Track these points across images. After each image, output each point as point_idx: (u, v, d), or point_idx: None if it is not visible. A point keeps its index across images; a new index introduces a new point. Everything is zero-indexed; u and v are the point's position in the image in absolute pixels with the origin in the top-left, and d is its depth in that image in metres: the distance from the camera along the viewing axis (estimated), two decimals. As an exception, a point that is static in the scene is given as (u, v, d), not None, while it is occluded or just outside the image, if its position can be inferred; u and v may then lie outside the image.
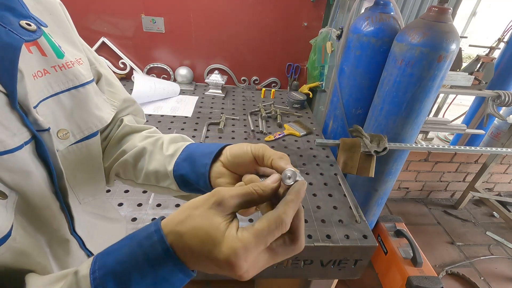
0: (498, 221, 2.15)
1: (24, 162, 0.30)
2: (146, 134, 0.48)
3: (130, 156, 0.45)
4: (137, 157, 0.45)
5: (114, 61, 1.56)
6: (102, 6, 1.39)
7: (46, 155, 0.32)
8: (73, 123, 0.38)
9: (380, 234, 1.67)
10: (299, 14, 1.51)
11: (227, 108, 1.43)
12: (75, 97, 0.37)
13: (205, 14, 1.46)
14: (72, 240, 0.39)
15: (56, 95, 0.35)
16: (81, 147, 0.40)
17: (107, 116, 0.43)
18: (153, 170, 0.43)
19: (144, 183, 0.45)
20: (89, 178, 0.43)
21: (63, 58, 0.36)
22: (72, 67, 0.37)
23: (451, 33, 0.95)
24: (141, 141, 0.46)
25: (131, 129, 0.49)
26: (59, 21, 0.39)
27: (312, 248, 0.74)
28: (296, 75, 1.69)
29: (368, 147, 1.06)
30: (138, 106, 0.55)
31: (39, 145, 0.32)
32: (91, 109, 0.40)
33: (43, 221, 0.34)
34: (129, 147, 0.46)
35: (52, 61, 0.35)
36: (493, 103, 1.34)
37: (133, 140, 0.47)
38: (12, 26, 0.29)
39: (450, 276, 1.70)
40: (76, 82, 0.37)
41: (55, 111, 0.35)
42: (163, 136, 0.47)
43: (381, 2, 1.11)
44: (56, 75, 0.35)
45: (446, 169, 2.15)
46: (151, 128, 0.51)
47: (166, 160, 0.42)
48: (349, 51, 1.19)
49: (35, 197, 0.32)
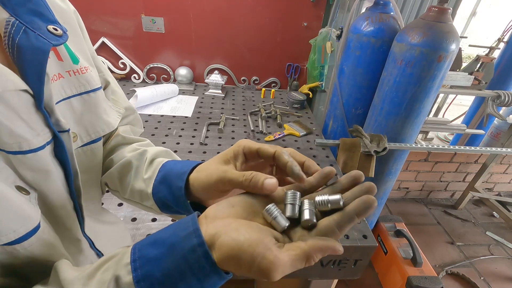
0: (498, 221, 2.15)
1: (45, 162, 0.31)
2: (135, 147, 0.47)
3: (116, 169, 0.44)
4: (122, 171, 0.44)
5: (114, 61, 1.56)
6: (102, 6, 1.40)
7: (64, 155, 0.33)
8: (81, 127, 0.39)
9: (380, 234, 1.67)
10: (299, 14, 1.51)
11: (227, 108, 1.43)
12: (85, 102, 0.38)
13: (205, 14, 1.46)
14: (83, 239, 0.40)
15: (68, 99, 0.36)
16: (86, 150, 0.40)
17: (114, 122, 0.44)
18: (138, 189, 0.42)
19: (130, 199, 0.44)
20: (90, 182, 0.44)
21: (78, 64, 0.37)
22: (85, 73, 0.38)
23: (451, 33, 0.95)
24: (130, 153, 0.45)
25: (124, 140, 0.48)
26: (72, 30, 0.39)
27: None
28: (296, 75, 1.69)
29: (368, 147, 1.06)
30: (137, 115, 0.56)
31: (58, 146, 0.33)
32: (99, 114, 0.41)
33: (58, 219, 0.35)
34: (117, 158, 0.45)
35: (68, 66, 0.36)
36: (493, 103, 1.34)
37: (122, 151, 0.46)
38: (41, 31, 0.30)
39: (450, 276, 1.70)
40: (88, 87, 0.38)
41: (66, 114, 0.36)
42: (148, 150, 0.45)
43: (381, 2, 1.11)
44: (69, 79, 0.36)
45: (446, 169, 2.15)
46: (144, 140, 0.50)
47: (146, 182, 0.41)
48: (349, 51, 1.19)
49: (53, 196, 0.33)
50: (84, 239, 0.40)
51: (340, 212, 0.28)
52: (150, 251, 0.27)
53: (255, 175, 0.31)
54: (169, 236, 0.28)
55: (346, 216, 0.27)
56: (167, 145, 1.09)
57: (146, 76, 1.60)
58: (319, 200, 0.29)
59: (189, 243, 0.26)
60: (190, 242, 0.26)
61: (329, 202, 0.29)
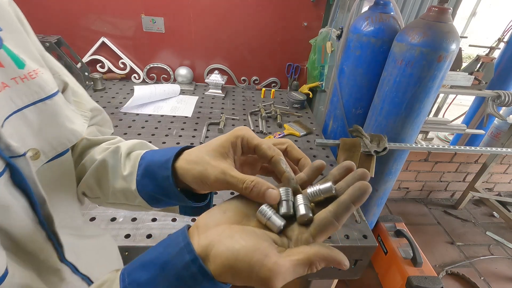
0: (498, 221, 2.15)
1: (1, 196, 0.26)
2: (105, 146, 0.42)
3: (91, 174, 0.40)
4: (98, 175, 0.40)
5: (114, 61, 1.56)
6: (102, 6, 1.40)
7: (24, 183, 0.28)
8: (43, 141, 0.33)
9: (380, 234, 1.67)
10: (299, 14, 1.51)
11: (227, 108, 1.43)
12: (42, 111, 0.32)
13: (205, 14, 1.46)
14: (63, 268, 0.35)
15: (20, 111, 0.30)
16: (53, 166, 0.35)
17: (81, 129, 0.38)
18: (121, 189, 0.38)
19: (114, 202, 0.40)
20: (65, 198, 0.39)
21: (24, 68, 0.31)
22: (35, 77, 0.32)
23: (451, 33, 0.95)
24: (101, 154, 0.40)
25: (90, 142, 0.43)
26: (9, 25, 0.32)
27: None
28: (296, 75, 1.69)
29: (368, 147, 1.06)
30: (106, 115, 0.50)
31: (15, 173, 0.27)
32: (62, 123, 0.35)
33: (29, 255, 0.31)
34: (89, 163, 0.41)
35: (12, 72, 0.30)
36: (493, 103, 1.34)
37: (92, 154, 0.41)
38: None
39: (450, 276, 1.70)
40: (42, 94, 0.32)
41: (20, 129, 0.30)
42: (121, 146, 0.41)
43: (381, 2, 1.11)
44: (17, 88, 0.30)
45: (446, 169, 2.15)
46: (114, 138, 0.45)
47: (127, 179, 0.37)
48: (349, 51, 1.19)
49: (18, 231, 0.29)
50: (65, 266, 0.35)
51: (335, 202, 0.27)
52: (141, 275, 0.25)
53: (256, 184, 0.29)
54: (159, 255, 0.26)
55: (342, 205, 0.26)
56: (167, 145, 1.09)
57: (146, 76, 1.60)
58: (311, 192, 0.29)
59: (182, 260, 0.25)
60: (183, 259, 0.25)
61: (321, 191, 0.28)
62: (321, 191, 0.28)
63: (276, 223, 0.27)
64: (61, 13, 1.39)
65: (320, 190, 0.28)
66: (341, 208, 0.26)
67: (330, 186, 0.28)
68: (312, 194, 0.29)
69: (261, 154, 0.32)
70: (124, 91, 1.48)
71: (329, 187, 0.28)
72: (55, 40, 1.31)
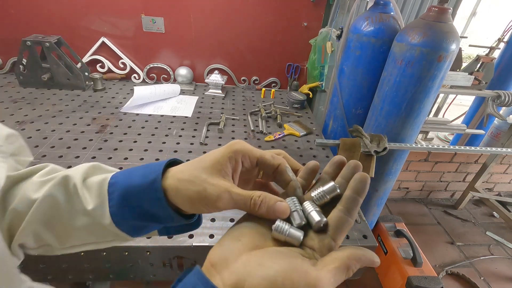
0: (498, 221, 2.15)
1: None
2: (41, 180, 0.32)
3: (34, 218, 0.30)
4: (46, 216, 0.31)
5: (114, 61, 1.56)
6: (102, 6, 1.40)
7: None
8: None
9: (380, 234, 1.67)
10: (299, 14, 1.51)
11: (227, 108, 1.43)
12: None
13: (205, 14, 1.46)
14: None
15: None
16: None
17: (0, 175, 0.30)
18: (84, 226, 0.31)
19: (75, 244, 0.33)
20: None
21: None
22: None
23: (451, 33, 0.95)
24: (39, 190, 0.31)
25: (13, 180, 0.33)
26: None
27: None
28: (296, 75, 1.69)
29: (368, 147, 1.06)
30: (22, 141, 0.40)
31: None
32: None
33: None
34: (22, 206, 0.31)
35: None
36: (493, 103, 1.33)
37: (23, 194, 0.31)
38: None
39: (450, 276, 1.70)
40: None
41: None
42: (68, 175, 0.32)
43: (381, 2, 1.11)
44: None
45: (446, 169, 2.15)
46: (45, 167, 0.35)
47: (94, 213, 0.31)
48: (349, 51, 1.19)
49: None
50: None
51: (343, 199, 0.27)
52: None
53: (264, 199, 0.27)
54: None
55: (350, 200, 0.26)
56: (167, 145, 1.09)
57: (146, 76, 1.60)
58: (316, 195, 0.29)
59: None
60: None
61: (325, 192, 0.28)
62: (326, 193, 0.28)
63: (295, 236, 0.26)
64: (61, 13, 1.39)
65: (325, 192, 0.28)
66: (350, 203, 0.27)
67: (334, 186, 0.28)
68: (317, 198, 0.29)
69: (266, 165, 0.31)
70: (124, 91, 1.48)
71: (333, 187, 0.28)
72: (55, 40, 1.31)
